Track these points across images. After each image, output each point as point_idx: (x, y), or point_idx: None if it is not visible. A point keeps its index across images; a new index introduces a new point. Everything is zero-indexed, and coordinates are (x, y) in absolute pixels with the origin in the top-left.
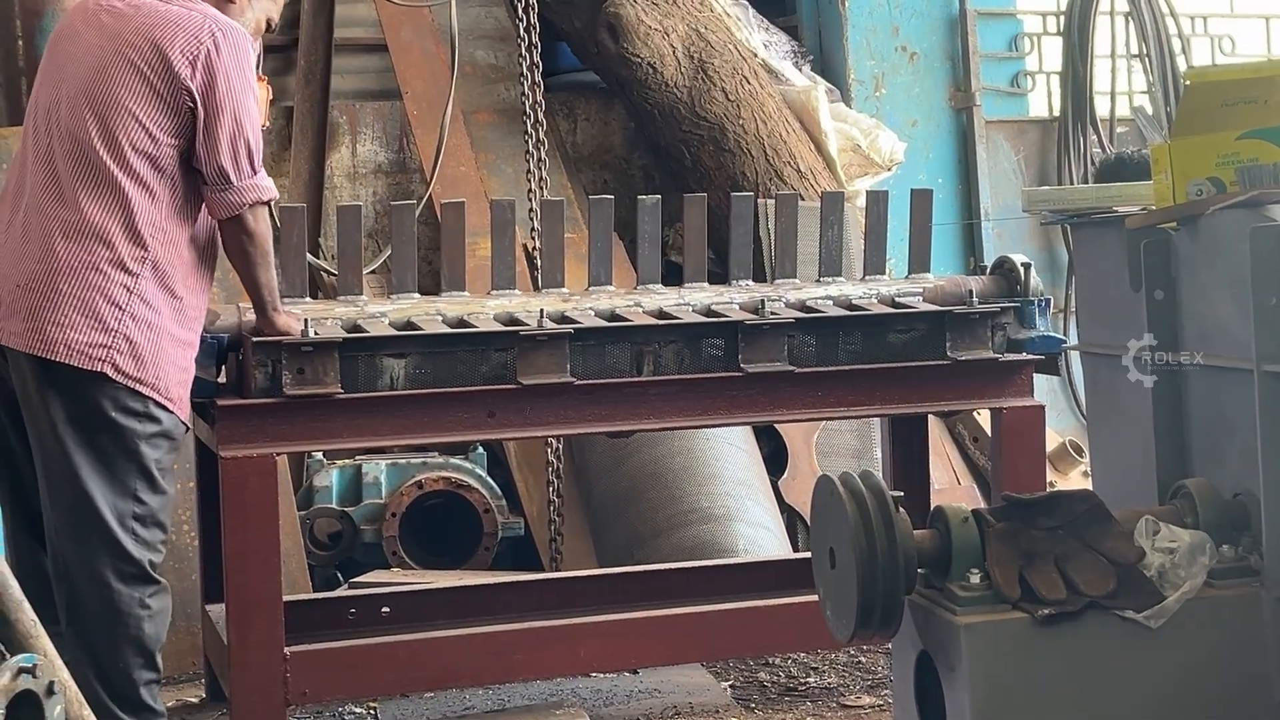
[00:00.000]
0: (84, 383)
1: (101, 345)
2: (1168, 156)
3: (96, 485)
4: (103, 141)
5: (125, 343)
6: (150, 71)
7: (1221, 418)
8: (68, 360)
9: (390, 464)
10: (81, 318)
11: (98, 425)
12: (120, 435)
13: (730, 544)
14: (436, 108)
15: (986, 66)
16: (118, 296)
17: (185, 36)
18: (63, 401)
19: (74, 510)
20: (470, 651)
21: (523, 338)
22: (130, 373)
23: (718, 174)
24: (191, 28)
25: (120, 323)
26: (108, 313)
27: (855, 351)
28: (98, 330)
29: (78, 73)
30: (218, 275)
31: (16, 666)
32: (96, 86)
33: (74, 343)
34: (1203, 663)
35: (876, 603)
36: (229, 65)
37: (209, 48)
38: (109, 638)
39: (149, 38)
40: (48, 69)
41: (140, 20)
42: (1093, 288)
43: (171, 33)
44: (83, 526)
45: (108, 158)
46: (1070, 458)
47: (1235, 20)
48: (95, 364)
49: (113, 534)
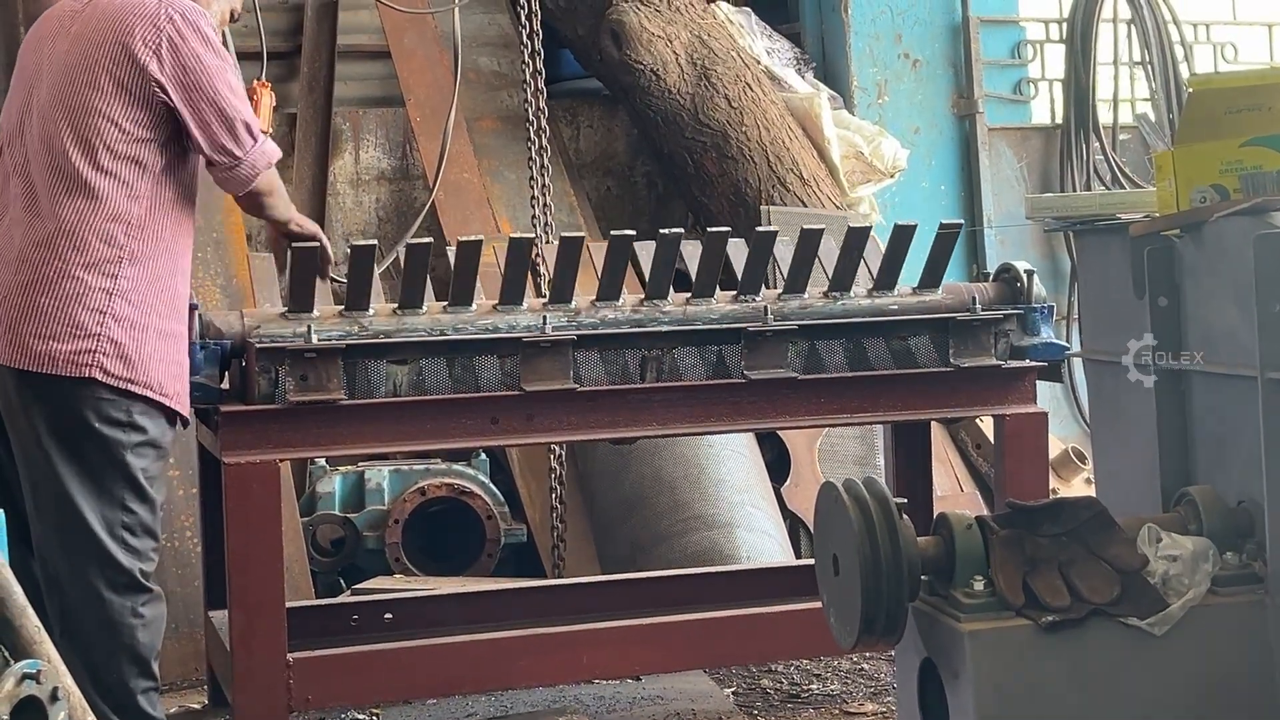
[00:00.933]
0: (67, 393)
1: (86, 351)
2: (1171, 163)
3: (83, 496)
4: (77, 147)
5: (110, 344)
6: (116, 68)
7: (1225, 425)
8: (51, 371)
9: (393, 470)
10: (62, 327)
11: (82, 436)
12: (105, 445)
13: (733, 551)
14: (440, 114)
15: (989, 74)
16: (96, 301)
17: (144, 26)
18: (46, 413)
19: (62, 522)
20: (473, 658)
21: (526, 344)
22: (119, 373)
23: (720, 181)
24: (148, 15)
25: (103, 326)
26: (88, 319)
27: (858, 358)
28: (79, 337)
29: (48, 83)
30: (220, 281)
31: (20, 672)
32: (65, 92)
33: (56, 353)
34: (1207, 670)
35: (880, 610)
36: (194, 44)
37: (169, 33)
38: (103, 648)
39: (109, 35)
40: (18, 80)
41: (98, 18)
42: (1096, 295)
43: (130, 24)
44: (71, 538)
45: (82, 163)
46: (1073, 465)
47: (1238, 27)
48: (81, 370)
49: (102, 544)
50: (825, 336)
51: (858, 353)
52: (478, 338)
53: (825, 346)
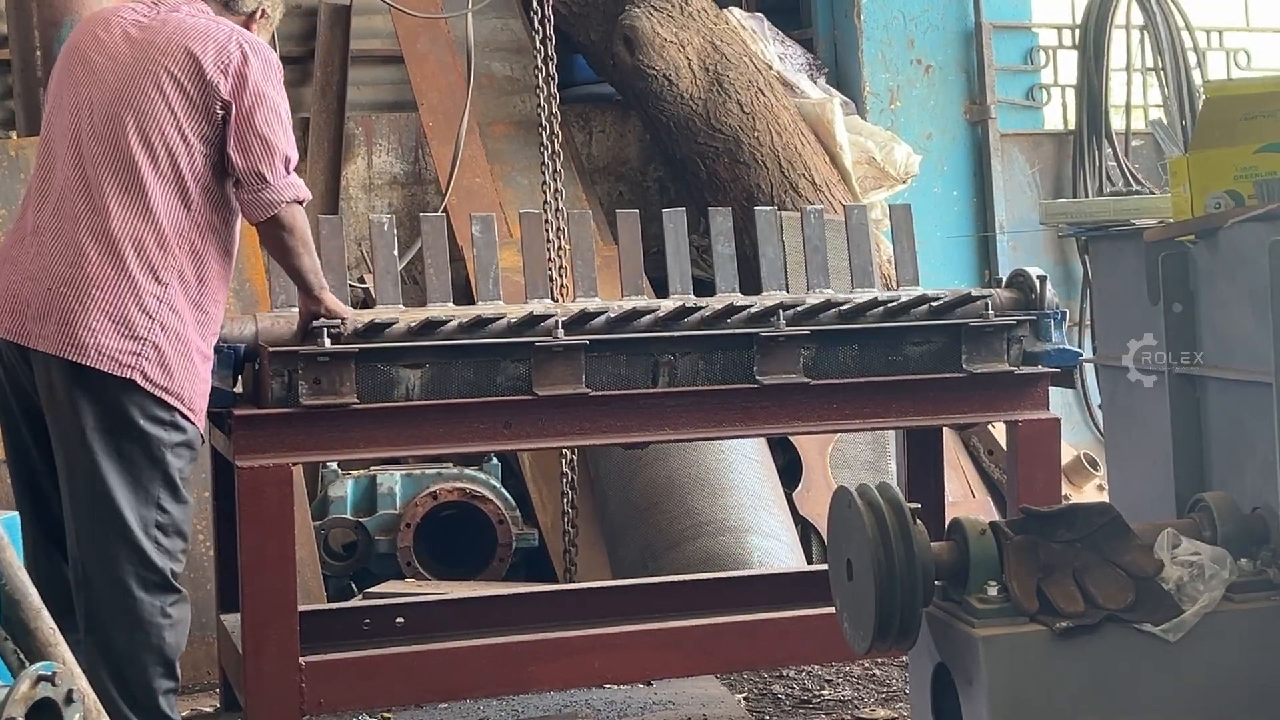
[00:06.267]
0: (114, 389)
1: (132, 353)
2: (1186, 169)
3: (122, 493)
4: (141, 147)
5: (154, 351)
6: (185, 79)
7: (1240, 431)
8: (99, 365)
9: (405, 474)
10: (112, 324)
11: (126, 432)
12: (147, 443)
13: (744, 556)
14: (452, 119)
15: (1002, 79)
16: (148, 304)
17: (216, 47)
18: (92, 407)
19: (98, 517)
20: (484, 662)
21: (538, 348)
22: (159, 381)
23: (733, 186)
24: (220, 38)
25: (150, 331)
26: (138, 320)
27: (871, 364)
28: (128, 337)
29: (108, 81)
30: (234, 286)
31: (36, 674)
32: (132, 94)
33: (105, 348)
34: (1221, 676)
35: (894, 615)
36: (258, 75)
37: (238, 58)
38: (130, 646)
39: (181, 46)
40: (68, 77)
41: (170, 31)
42: (1110, 300)
43: (203, 43)
44: (106, 534)
45: (145, 164)
46: (1085, 471)
47: (1251, 34)
48: (125, 370)
49: (136, 542)
50: (838, 341)
51: (870, 358)
52: (490, 342)
53: (838, 351)
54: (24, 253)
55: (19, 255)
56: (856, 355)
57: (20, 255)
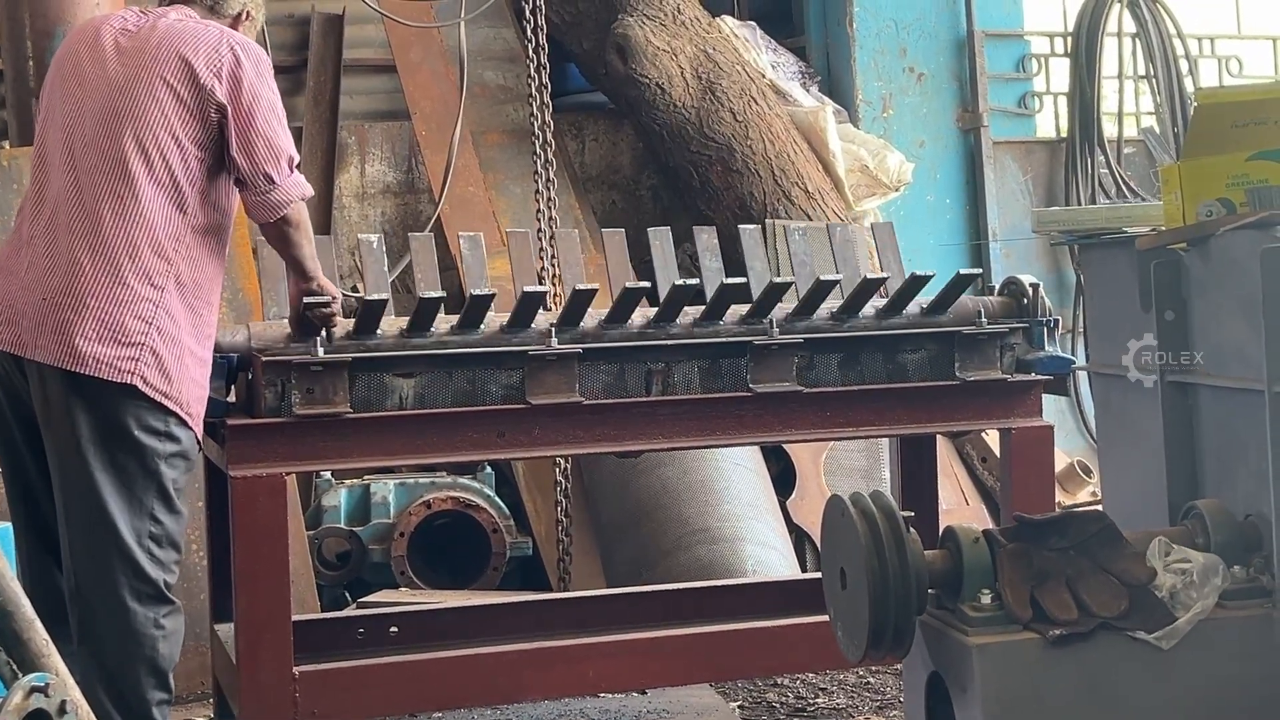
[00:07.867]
0: (111, 398)
1: (130, 359)
2: (1178, 177)
3: (116, 504)
4: (136, 154)
5: (152, 356)
6: (178, 83)
7: (1233, 439)
8: (97, 374)
9: (398, 483)
10: (109, 332)
11: (121, 443)
12: (142, 454)
13: (738, 564)
14: (445, 128)
15: (994, 87)
16: (143, 311)
17: (207, 50)
18: (88, 418)
19: (92, 528)
20: (478, 671)
21: (532, 357)
22: (158, 386)
23: (726, 194)
24: (211, 41)
25: (147, 337)
26: (135, 327)
27: (864, 372)
28: (125, 345)
29: (100, 89)
30: (226, 296)
31: (29, 686)
32: (125, 101)
33: (103, 356)
34: (1214, 684)
35: (888, 623)
36: (251, 75)
37: (231, 60)
38: (123, 657)
39: (173, 50)
40: (60, 86)
41: (160, 37)
42: (1103, 308)
43: (194, 46)
44: (101, 545)
45: (140, 170)
46: (1079, 478)
47: (1243, 41)
48: (124, 377)
49: (130, 553)
50: (830, 350)
51: (864, 365)
52: (484, 350)
53: (831, 360)
54: (20, 263)
55: (15, 265)
56: (850, 363)
57: (16, 265)
